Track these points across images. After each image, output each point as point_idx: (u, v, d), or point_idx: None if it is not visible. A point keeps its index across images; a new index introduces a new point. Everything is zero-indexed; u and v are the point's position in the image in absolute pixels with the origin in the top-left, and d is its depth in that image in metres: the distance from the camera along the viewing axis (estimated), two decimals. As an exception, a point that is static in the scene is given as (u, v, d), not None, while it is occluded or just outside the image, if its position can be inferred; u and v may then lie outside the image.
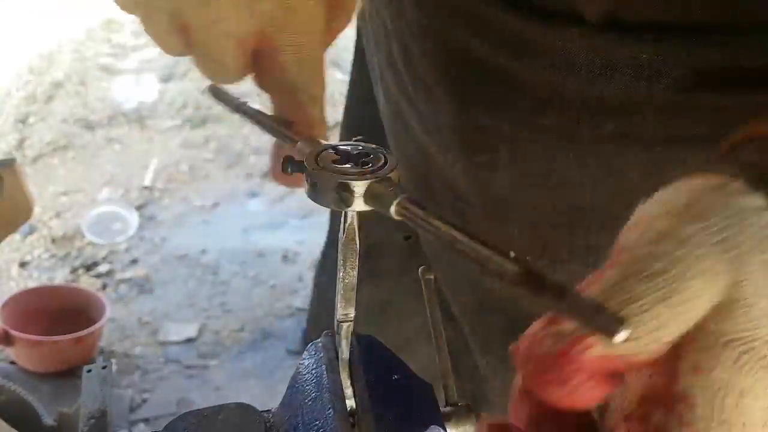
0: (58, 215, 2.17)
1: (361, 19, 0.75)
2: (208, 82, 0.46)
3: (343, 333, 0.39)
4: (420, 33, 0.55)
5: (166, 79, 2.74)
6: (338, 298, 0.37)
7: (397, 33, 0.59)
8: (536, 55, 0.46)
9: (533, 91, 0.48)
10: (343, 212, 0.35)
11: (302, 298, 1.89)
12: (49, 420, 0.76)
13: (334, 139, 0.42)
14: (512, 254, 0.28)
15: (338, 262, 0.37)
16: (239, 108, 0.45)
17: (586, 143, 0.47)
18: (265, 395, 1.66)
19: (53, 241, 2.07)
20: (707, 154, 0.45)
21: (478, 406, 0.74)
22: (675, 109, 0.44)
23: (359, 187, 0.33)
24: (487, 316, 0.64)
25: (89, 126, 2.53)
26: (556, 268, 0.56)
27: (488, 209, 0.57)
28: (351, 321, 0.38)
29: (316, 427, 0.38)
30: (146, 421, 1.61)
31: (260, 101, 0.45)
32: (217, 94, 0.47)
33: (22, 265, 1.99)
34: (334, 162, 0.35)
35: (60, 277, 1.96)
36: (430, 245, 0.68)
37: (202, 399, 1.67)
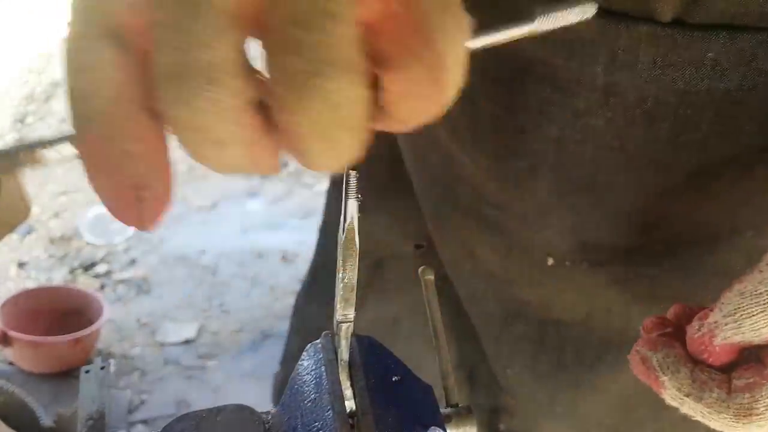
0: (56, 215, 2.16)
1: None
2: None
3: (342, 334, 0.39)
4: None
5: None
6: (338, 298, 0.37)
7: None
8: (596, 54, 0.45)
9: (587, 91, 0.47)
10: (343, 213, 0.35)
11: (301, 299, 1.89)
12: (47, 421, 0.76)
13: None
14: None
15: (338, 263, 0.36)
16: None
17: (638, 143, 0.47)
18: (264, 396, 1.65)
19: (51, 241, 2.07)
20: (754, 150, 0.46)
21: (498, 418, 0.73)
22: (732, 107, 0.44)
23: None
24: (514, 324, 0.63)
25: (88, 126, 2.53)
26: (596, 271, 0.55)
27: (526, 216, 0.56)
28: (351, 322, 0.38)
29: (315, 429, 0.38)
30: (145, 422, 1.61)
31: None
32: None
33: (21, 265, 1.99)
34: None
35: (58, 277, 1.96)
36: (451, 254, 0.66)
37: (200, 400, 1.67)
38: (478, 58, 0.54)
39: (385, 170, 0.74)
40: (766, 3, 0.40)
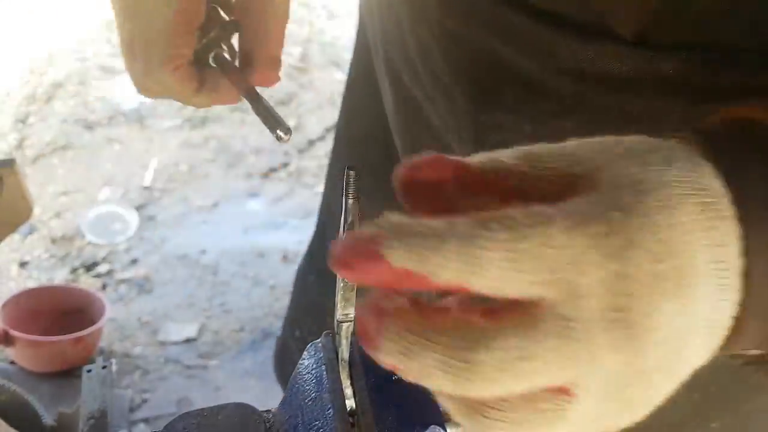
0: (57, 215, 2.17)
1: (367, 12, 0.76)
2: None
3: (343, 333, 0.39)
4: (443, 35, 0.56)
5: (165, 79, 2.73)
6: (338, 298, 0.37)
7: (414, 31, 0.61)
8: (567, 65, 0.48)
9: (558, 96, 0.50)
10: (343, 213, 0.35)
11: (302, 298, 1.89)
12: (49, 420, 0.76)
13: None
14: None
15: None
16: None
17: None
18: (265, 395, 1.65)
19: (53, 241, 2.08)
20: None
21: None
22: (690, 118, 0.46)
23: None
24: None
25: (89, 126, 2.53)
26: None
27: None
28: (351, 321, 0.38)
29: (315, 427, 0.38)
30: (146, 421, 1.61)
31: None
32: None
33: (22, 265, 1.99)
34: None
35: (60, 277, 1.96)
36: None
37: (202, 399, 1.67)
38: (453, 57, 0.57)
39: (380, 152, 0.77)
40: (715, 30, 0.43)
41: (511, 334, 0.27)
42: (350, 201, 0.35)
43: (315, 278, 0.98)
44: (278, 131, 0.48)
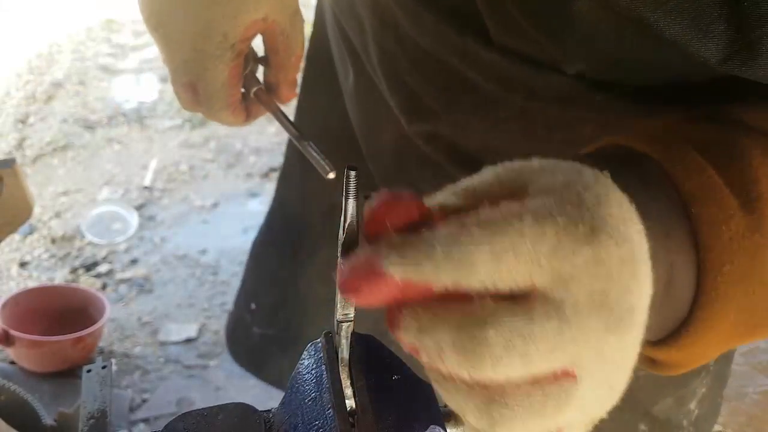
0: (58, 215, 2.17)
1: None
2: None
3: (342, 333, 0.39)
4: (412, 48, 0.65)
5: (166, 79, 2.74)
6: (338, 298, 0.37)
7: (377, 38, 0.69)
8: (520, 88, 0.59)
9: (509, 107, 0.61)
10: (342, 213, 0.35)
11: (302, 298, 1.89)
12: (48, 420, 0.76)
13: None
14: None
15: (338, 262, 0.37)
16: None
17: (540, 143, 0.62)
18: (265, 395, 1.65)
19: (53, 241, 2.08)
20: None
21: None
22: (611, 125, 0.59)
23: None
24: None
25: (89, 126, 2.53)
26: None
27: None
28: (351, 321, 0.38)
29: (315, 427, 0.38)
30: (146, 421, 1.61)
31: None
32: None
33: (22, 265, 1.99)
34: None
35: (60, 277, 1.96)
36: None
37: (202, 399, 1.67)
38: (420, 65, 0.66)
39: (336, 117, 0.85)
40: (641, 79, 0.54)
41: (518, 317, 0.29)
42: (350, 201, 0.35)
43: (273, 250, 1.04)
44: (329, 174, 0.61)
